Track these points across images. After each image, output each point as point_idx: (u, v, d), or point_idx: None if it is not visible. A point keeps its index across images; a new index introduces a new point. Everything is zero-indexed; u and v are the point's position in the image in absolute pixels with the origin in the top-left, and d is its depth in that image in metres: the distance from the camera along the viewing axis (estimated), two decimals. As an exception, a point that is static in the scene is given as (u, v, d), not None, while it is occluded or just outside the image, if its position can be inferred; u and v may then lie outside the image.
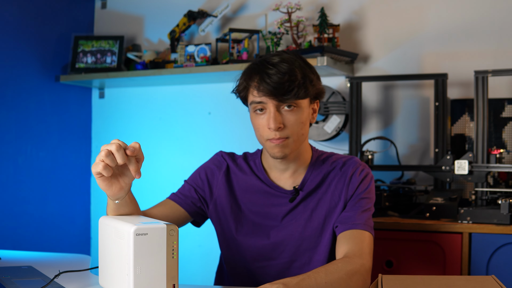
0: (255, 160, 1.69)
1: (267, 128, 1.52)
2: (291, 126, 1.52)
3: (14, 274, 1.47)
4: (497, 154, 2.10)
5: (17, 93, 2.75)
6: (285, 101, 1.50)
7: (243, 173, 1.68)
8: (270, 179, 1.64)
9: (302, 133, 1.55)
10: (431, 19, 2.50)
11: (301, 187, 1.62)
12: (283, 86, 1.48)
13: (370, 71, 2.59)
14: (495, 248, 1.93)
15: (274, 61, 1.51)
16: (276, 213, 1.62)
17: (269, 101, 1.50)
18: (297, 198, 1.61)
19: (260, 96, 1.51)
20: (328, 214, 1.59)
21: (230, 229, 1.65)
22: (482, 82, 2.10)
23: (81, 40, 2.94)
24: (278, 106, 1.51)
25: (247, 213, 1.64)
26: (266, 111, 1.52)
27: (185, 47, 2.73)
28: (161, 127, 3.02)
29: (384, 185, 2.38)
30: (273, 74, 1.48)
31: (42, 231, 2.87)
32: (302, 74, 1.51)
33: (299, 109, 1.52)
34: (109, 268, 1.29)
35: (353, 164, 1.63)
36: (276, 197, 1.63)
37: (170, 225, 1.21)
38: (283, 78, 1.48)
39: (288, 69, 1.49)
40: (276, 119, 1.50)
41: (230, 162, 1.70)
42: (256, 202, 1.64)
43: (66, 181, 3.02)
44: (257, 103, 1.52)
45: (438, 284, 1.18)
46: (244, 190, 1.66)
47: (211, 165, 1.72)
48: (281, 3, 2.57)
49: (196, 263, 2.79)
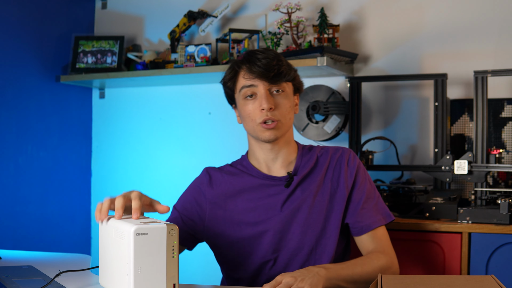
0: (242, 162, 1.72)
1: (259, 111, 1.58)
2: (281, 108, 1.59)
3: (15, 273, 1.47)
4: (497, 154, 2.10)
5: (17, 93, 2.76)
6: (275, 82, 1.58)
7: (233, 175, 1.69)
8: (262, 172, 1.66)
9: (290, 117, 1.63)
10: (431, 19, 2.50)
11: (295, 172, 1.65)
12: (273, 68, 1.57)
13: (370, 71, 2.59)
14: (494, 248, 1.94)
15: (260, 50, 1.63)
16: (274, 203, 1.63)
17: (260, 84, 1.58)
18: (293, 183, 1.63)
19: (251, 79, 1.58)
20: (331, 200, 1.63)
21: (231, 237, 1.64)
22: (482, 82, 2.10)
23: (81, 40, 2.95)
24: (268, 88, 1.58)
25: (245, 214, 1.63)
26: (257, 95, 1.59)
27: (185, 47, 2.73)
28: (161, 127, 3.02)
29: (383, 185, 2.39)
30: (263, 58, 1.58)
31: (42, 231, 2.88)
32: (287, 62, 1.64)
33: (286, 94, 1.61)
34: (109, 268, 1.29)
35: (344, 152, 1.70)
36: (271, 186, 1.64)
37: (170, 224, 1.21)
38: (272, 62, 1.58)
39: (275, 55, 1.61)
40: (268, 100, 1.57)
41: (216, 173, 1.71)
42: (252, 199, 1.64)
43: (66, 181, 3.02)
44: (248, 87, 1.59)
45: (438, 284, 1.18)
46: (238, 192, 1.66)
47: (196, 185, 1.72)
48: (281, 3, 2.57)
49: (196, 263, 2.79)
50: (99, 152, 3.16)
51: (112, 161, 3.13)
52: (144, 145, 3.06)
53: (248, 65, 1.59)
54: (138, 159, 3.07)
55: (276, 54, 1.62)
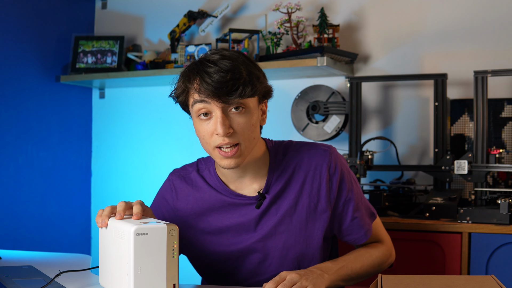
0: (209, 168, 1.52)
1: (214, 134, 1.35)
2: (241, 130, 1.35)
3: (15, 273, 1.47)
4: (497, 154, 2.10)
5: (17, 93, 2.76)
6: (230, 102, 1.32)
7: (200, 191, 1.50)
8: (230, 189, 1.47)
9: (254, 136, 1.39)
10: (431, 19, 2.50)
11: (266, 190, 1.45)
12: (226, 85, 1.30)
13: (370, 71, 2.59)
14: (494, 248, 1.94)
15: (214, 59, 1.34)
16: (247, 223, 1.46)
17: (213, 104, 1.33)
18: (265, 202, 1.45)
19: (202, 98, 1.34)
20: (311, 217, 1.46)
21: (206, 259, 1.51)
22: (482, 82, 2.10)
23: (81, 40, 2.95)
24: (224, 108, 1.34)
25: (218, 235, 1.48)
26: (212, 115, 1.35)
27: (185, 47, 2.73)
28: (161, 127, 3.02)
29: (383, 185, 2.39)
30: (214, 72, 1.31)
31: (42, 231, 2.88)
32: (247, 71, 1.35)
33: (247, 110, 1.36)
34: (109, 268, 1.29)
35: (324, 157, 1.47)
36: (241, 206, 1.46)
37: (170, 225, 1.21)
38: (225, 77, 1.31)
39: (231, 66, 1.32)
40: (224, 123, 1.32)
41: (182, 184, 1.53)
42: (223, 219, 1.47)
43: (67, 181, 3.02)
44: (200, 102, 1.34)
45: (438, 284, 1.18)
46: (208, 210, 1.49)
47: (161, 196, 1.58)
48: (281, 3, 2.57)
49: (196, 263, 2.79)
50: (99, 152, 3.16)
51: (112, 161, 3.13)
52: (144, 145, 3.06)
53: (198, 81, 1.34)
54: (138, 159, 3.07)
55: (233, 64, 1.33)
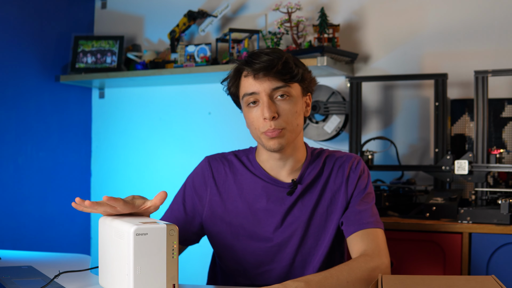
0: (248, 156, 1.64)
1: (261, 120, 1.49)
2: (286, 115, 1.49)
3: (14, 274, 1.47)
4: (497, 154, 2.10)
5: (17, 93, 2.75)
6: (279, 81, 1.47)
7: (236, 172, 1.62)
8: (268, 174, 1.59)
9: (297, 123, 1.52)
10: (431, 19, 2.50)
11: (299, 180, 1.58)
12: (273, 63, 1.47)
13: (370, 71, 2.59)
14: (495, 248, 1.94)
15: (260, 52, 1.51)
16: (275, 212, 1.57)
17: (261, 90, 1.48)
18: (296, 193, 1.57)
19: (252, 83, 1.49)
20: (329, 211, 1.57)
21: (226, 235, 1.60)
22: (482, 82, 2.10)
23: (81, 40, 2.94)
24: (271, 95, 1.49)
25: (244, 215, 1.59)
26: (259, 102, 1.49)
27: (185, 47, 2.73)
28: (161, 127, 3.02)
29: (384, 185, 2.38)
30: (263, 55, 1.48)
31: (42, 231, 2.88)
32: (292, 59, 1.52)
33: (292, 99, 1.50)
34: (109, 268, 1.29)
35: (349, 159, 1.61)
36: (274, 191, 1.58)
37: (170, 225, 1.21)
38: (272, 59, 1.47)
39: (278, 53, 1.50)
40: (270, 108, 1.47)
41: (218, 165, 1.65)
42: (253, 202, 1.59)
43: (66, 181, 3.02)
44: (249, 95, 1.50)
45: (438, 284, 1.18)
46: (239, 192, 1.60)
47: (197, 175, 1.67)
48: (281, 3, 2.57)
49: (196, 263, 2.79)
50: (99, 152, 3.16)
51: (112, 161, 3.13)
52: (144, 145, 3.06)
53: (247, 68, 1.50)
54: (138, 159, 3.07)
55: (279, 52, 1.51)
